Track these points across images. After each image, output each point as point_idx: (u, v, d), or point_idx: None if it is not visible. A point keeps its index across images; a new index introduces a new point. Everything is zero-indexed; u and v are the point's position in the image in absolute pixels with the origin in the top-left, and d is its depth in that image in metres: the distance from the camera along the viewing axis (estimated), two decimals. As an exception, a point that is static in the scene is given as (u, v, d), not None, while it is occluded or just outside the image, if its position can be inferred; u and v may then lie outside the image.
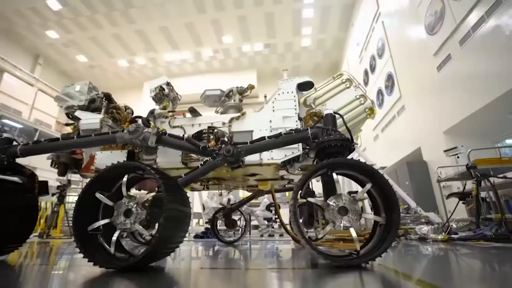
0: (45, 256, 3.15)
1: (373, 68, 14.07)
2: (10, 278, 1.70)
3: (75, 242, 1.70)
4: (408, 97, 10.79)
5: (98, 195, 1.78)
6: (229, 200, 8.67)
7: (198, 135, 2.74)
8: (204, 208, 8.85)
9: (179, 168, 2.79)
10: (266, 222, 9.38)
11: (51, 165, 3.26)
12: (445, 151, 7.80)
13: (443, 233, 4.00)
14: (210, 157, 2.26)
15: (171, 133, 2.56)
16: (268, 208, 9.20)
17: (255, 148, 2.30)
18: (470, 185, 5.77)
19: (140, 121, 2.67)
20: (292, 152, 2.66)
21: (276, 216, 9.61)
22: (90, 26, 17.62)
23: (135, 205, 1.78)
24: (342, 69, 19.99)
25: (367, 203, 7.33)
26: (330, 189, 2.08)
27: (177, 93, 4.23)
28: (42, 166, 17.02)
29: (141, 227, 1.77)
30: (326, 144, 2.04)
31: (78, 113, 2.97)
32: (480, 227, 3.91)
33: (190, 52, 20.56)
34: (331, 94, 3.10)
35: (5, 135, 2.66)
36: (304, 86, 3.04)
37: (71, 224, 1.84)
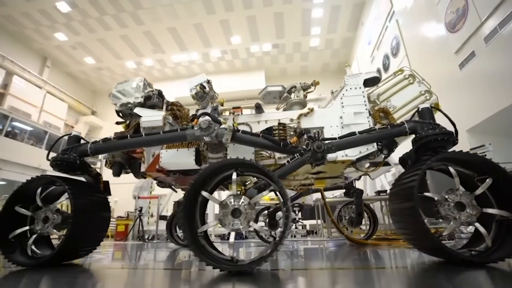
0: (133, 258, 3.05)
1: (386, 67, 14.01)
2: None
3: (187, 244, 1.62)
4: (426, 95, 10.69)
5: (205, 193, 1.70)
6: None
7: (268, 131, 2.66)
8: (225, 209, 8.72)
9: (250, 167, 2.70)
10: (286, 223, 9.26)
11: (105, 165, 3.16)
12: (471, 149, 7.72)
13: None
14: (296, 154, 2.17)
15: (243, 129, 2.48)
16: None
17: (346, 143, 2.22)
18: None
19: (207, 117, 2.57)
20: (367, 149, 2.58)
21: (301, 217, 9.52)
22: (98, 27, 17.56)
23: (243, 204, 1.69)
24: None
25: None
26: (423, 184, 2.00)
27: (214, 91, 4.15)
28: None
29: (260, 226, 1.67)
30: (431, 138, 1.97)
31: (137, 110, 2.88)
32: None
33: (198, 53, 20.51)
34: (395, 90, 3.03)
35: (74, 132, 2.56)
36: (368, 82, 2.96)
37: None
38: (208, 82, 4.01)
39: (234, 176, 1.72)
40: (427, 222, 7.38)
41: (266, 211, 4.99)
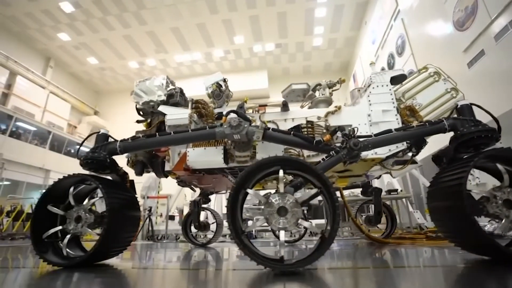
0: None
1: (391, 66, 14.00)
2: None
3: (236, 243, 1.60)
4: (433, 94, 10.68)
5: (250, 191, 1.67)
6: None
7: (295, 130, 2.63)
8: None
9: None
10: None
11: (127, 164, 3.13)
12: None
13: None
14: (332, 152, 2.14)
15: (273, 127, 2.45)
16: (298, 208, 9.03)
17: (383, 141, 2.19)
18: None
19: (233, 115, 2.53)
20: (397, 147, 2.56)
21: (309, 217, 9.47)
22: (101, 28, 17.52)
23: (289, 202, 1.66)
24: (354, 68, 19.93)
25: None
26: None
27: (229, 90, 4.12)
28: (55, 169, 16.92)
29: (310, 223, 1.65)
30: (474, 135, 1.95)
31: (162, 108, 2.85)
32: None
33: (201, 53, 20.49)
34: (420, 87, 3.01)
35: (102, 131, 2.53)
36: (393, 80, 2.94)
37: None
38: (224, 80, 3.98)
39: (281, 173, 1.69)
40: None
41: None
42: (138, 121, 3.32)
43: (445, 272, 1.61)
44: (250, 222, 9.38)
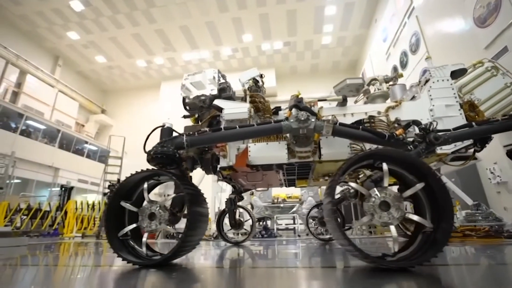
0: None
1: (404, 64, 13.91)
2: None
3: (344, 238, 1.56)
4: (450, 92, 10.60)
5: (354, 185, 1.62)
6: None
7: (357, 124, 2.58)
8: (252, 208, 8.68)
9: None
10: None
11: (178, 160, 3.08)
12: (504, 146, 7.62)
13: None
14: (409, 146, 2.08)
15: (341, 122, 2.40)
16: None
17: (463, 135, 2.14)
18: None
19: (294, 110, 2.49)
20: (462, 142, 2.51)
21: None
22: (110, 26, 17.48)
23: (390, 196, 1.61)
24: (363, 66, 19.83)
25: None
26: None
27: (264, 86, 4.07)
28: (63, 167, 16.91)
29: (420, 218, 1.60)
30: None
31: (218, 102, 2.80)
32: None
33: (209, 51, 20.43)
34: (477, 82, 2.96)
35: (166, 124, 2.47)
36: (452, 74, 2.89)
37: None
38: (261, 76, 3.92)
39: (385, 167, 1.64)
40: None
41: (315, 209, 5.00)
42: (184, 116, 3.27)
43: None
44: (268, 222, 9.36)
